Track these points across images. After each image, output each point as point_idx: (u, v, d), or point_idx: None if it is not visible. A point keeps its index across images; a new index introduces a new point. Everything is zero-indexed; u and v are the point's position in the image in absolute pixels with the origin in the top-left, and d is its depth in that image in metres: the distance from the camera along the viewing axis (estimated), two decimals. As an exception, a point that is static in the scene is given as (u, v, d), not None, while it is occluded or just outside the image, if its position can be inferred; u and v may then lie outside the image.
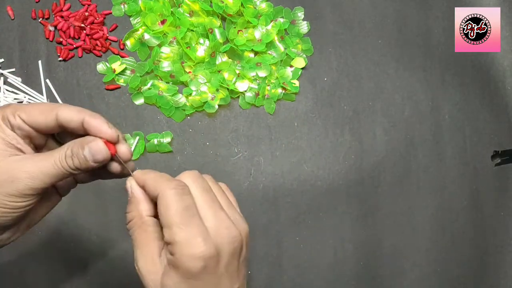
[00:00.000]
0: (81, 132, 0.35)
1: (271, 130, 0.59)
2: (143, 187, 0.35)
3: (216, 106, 0.58)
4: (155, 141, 0.57)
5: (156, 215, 0.35)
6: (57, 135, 0.38)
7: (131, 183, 0.36)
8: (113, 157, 0.35)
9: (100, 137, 0.35)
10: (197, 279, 0.33)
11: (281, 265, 0.58)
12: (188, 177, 0.35)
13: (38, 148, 0.37)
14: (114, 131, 0.35)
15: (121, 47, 0.59)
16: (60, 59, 0.58)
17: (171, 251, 0.33)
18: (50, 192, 0.38)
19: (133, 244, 0.35)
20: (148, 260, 0.34)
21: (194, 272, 0.32)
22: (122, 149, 0.36)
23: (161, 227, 0.34)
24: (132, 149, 0.57)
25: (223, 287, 0.34)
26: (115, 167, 0.36)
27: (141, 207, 0.35)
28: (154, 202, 0.35)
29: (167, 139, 0.58)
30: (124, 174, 0.37)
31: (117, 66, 0.58)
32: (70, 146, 0.34)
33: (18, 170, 0.33)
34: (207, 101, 0.58)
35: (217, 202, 0.35)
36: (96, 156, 0.34)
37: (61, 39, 0.58)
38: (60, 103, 0.36)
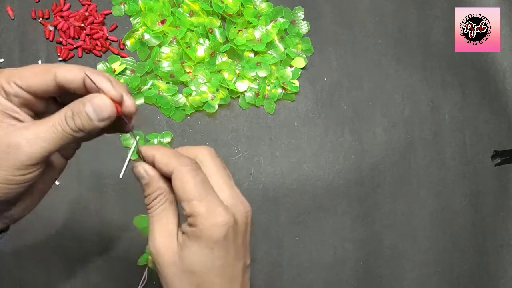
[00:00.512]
0: (83, 93, 0.32)
1: (271, 130, 0.59)
2: (152, 164, 0.35)
3: (216, 106, 0.58)
4: (155, 141, 0.57)
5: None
6: (60, 99, 0.35)
7: (144, 167, 0.35)
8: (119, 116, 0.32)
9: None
10: (218, 248, 0.33)
11: (281, 265, 0.58)
12: (206, 151, 0.37)
13: (38, 116, 0.34)
14: (118, 89, 0.31)
15: (121, 47, 0.59)
16: (60, 59, 0.58)
17: (192, 223, 0.33)
18: (54, 157, 0.36)
19: (155, 221, 0.35)
20: (168, 237, 0.35)
21: (216, 240, 0.33)
22: (127, 105, 0.32)
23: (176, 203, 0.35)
24: (132, 150, 0.57)
25: (239, 258, 0.35)
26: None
27: (164, 184, 0.35)
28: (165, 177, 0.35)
29: (167, 139, 0.58)
30: (128, 130, 0.34)
31: (117, 66, 0.58)
32: (70, 107, 0.31)
33: (16, 140, 0.30)
34: (207, 101, 0.58)
35: (232, 179, 0.37)
36: (101, 113, 0.31)
37: (61, 39, 0.58)
38: (57, 63, 0.33)
